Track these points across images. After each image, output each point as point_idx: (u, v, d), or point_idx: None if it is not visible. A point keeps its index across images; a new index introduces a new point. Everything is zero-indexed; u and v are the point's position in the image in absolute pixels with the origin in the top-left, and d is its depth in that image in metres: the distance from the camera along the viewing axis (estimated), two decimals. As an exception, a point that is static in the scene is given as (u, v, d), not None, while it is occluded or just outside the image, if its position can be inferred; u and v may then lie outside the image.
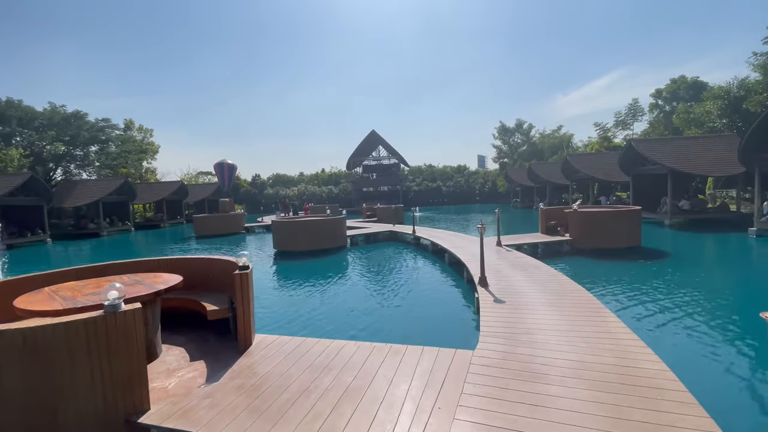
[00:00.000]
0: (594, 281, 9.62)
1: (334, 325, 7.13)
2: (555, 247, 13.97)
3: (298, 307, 8.49)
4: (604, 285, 9.23)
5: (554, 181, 37.25)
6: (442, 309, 8.12)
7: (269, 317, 7.82)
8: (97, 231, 30.79)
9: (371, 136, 53.04)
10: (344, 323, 7.27)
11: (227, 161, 61.41)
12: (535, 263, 9.54)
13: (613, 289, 8.89)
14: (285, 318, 7.75)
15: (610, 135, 44.10)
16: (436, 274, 11.27)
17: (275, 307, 8.53)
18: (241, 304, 4.85)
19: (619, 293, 8.55)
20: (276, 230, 16.29)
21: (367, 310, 7.97)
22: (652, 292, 8.52)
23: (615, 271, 10.89)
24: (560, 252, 13.49)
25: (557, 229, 14.76)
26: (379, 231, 19.14)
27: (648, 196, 23.46)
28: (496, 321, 5.50)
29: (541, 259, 12.19)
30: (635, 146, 22.35)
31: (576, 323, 5.29)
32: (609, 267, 11.40)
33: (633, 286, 9.17)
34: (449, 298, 8.85)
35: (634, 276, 10.17)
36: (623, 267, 11.30)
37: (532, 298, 6.57)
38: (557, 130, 57.49)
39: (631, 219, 13.45)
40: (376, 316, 7.67)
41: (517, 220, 30.41)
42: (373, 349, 4.67)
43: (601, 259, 12.19)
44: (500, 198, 57.51)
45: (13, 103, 34.26)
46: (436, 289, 9.64)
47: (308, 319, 7.55)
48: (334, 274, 11.98)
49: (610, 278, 9.92)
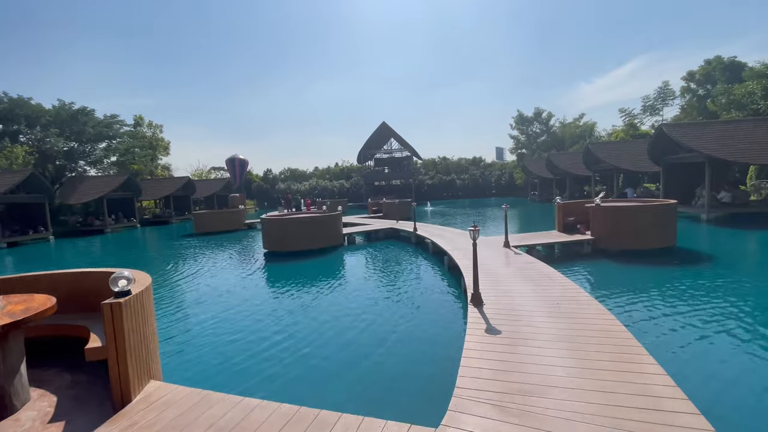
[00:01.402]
0: (621, 293, 7.86)
1: (277, 367, 5.49)
2: (574, 249, 12.14)
3: (245, 335, 7.00)
4: (635, 301, 7.46)
5: (575, 173, 34.83)
6: (422, 343, 6.06)
7: (202, 350, 6.38)
8: (102, 228, 30.47)
9: (382, 129, 51.31)
10: (291, 362, 5.65)
11: (239, 156, 60.93)
12: (547, 271, 7.85)
13: (648, 309, 7.13)
14: (222, 352, 6.20)
15: (637, 122, 40.99)
16: (429, 284, 9.59)
17: (215, 337, 7.08)
18: (115, 348, 3.46)
19: (657, 316, 6.78)
20: (264, 229, 15.01)
21: (327, 344, 6.27)
22: (700, 314, 6.73)
23: (646, 279, 9.05)
24: (580, 254, 11.67)
25: (577, 226, 12.91)
26: (380, 228, 17.64)
27: (681, 187, 21.11)
28: (482, 372, 3.92)
29: (558, 263, 10.48)
30: (668, 132, 20.00)
31: (602, 377, 3.67)
32: (639, 274, 9.56)
33: (670, 302, 7.38)
34: (436, 322, 6.89)
35: (671, 288, 8.33)
36: (657, 274, 9.44)
37: (539, 327, 4.94)
38: (579, 119, 54.39)
39: (665, 214, 11.50)
40: (332, 351, 6.00)
41: (534, 215, 28.34)
42: (292, 417, 3.20)
43: (629, 264, 10.34)
44: (517, 191, 55.01)
45: (20, 101, 34.16)
46: (424, 307, 7.84)
47: (249, 356, 5.91)
48: (311, 285, 10.53)
49: (641, 290, 8.13)
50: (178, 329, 7.34)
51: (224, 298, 9.22)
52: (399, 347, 5.94)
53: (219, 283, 10.84)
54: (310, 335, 6.60)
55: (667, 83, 38.76)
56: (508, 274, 7.83)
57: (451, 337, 6.01)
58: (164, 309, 8.63)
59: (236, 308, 8.38)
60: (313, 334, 6.64)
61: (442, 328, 6.59)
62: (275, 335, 6.66)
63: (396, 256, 13.54)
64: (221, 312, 8.18)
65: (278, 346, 6.17)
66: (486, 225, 21.19)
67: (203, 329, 7.24)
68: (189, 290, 10.36)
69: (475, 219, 25.63)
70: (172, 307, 8.80)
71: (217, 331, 7.10)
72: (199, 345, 6.50)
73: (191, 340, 6.75)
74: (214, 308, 8.49)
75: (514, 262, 8.89)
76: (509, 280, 7.33)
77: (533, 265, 8.51)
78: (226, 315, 7.97)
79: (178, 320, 7.90)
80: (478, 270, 5.98)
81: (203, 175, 59.97)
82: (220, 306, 8.62)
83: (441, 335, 6.30)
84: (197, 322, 7.65)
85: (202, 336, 6.91)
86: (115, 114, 40.58)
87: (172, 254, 17.78)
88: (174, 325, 7.57)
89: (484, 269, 8.19)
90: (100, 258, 18.19)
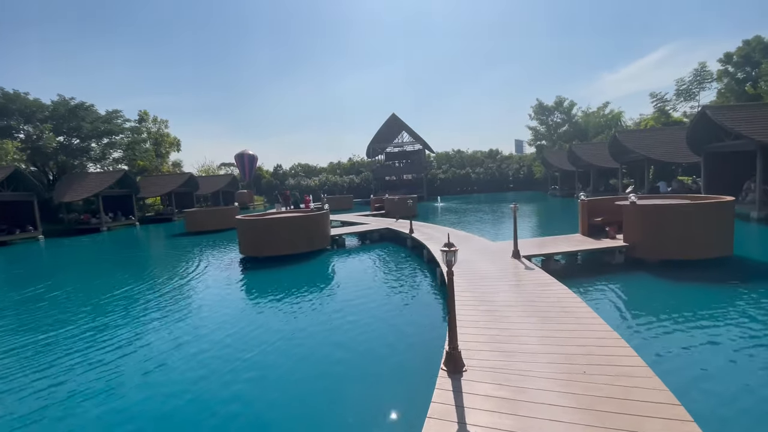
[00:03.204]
0: (675, 332, 5.59)
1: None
2: (602, 258, 9.77)
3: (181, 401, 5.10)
4: (697, 347, 5.20)
5: (599, 165, 31.84)
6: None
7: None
8: (98, 226, 29.47)
9: (392, 121, 48.93)
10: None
11: (248, 152, 59.86)
12: (569, 301, 5.64)
13: (717, 364, 4.88)
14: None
15: (669, 108, 37.35)
16: (412, 313, 7.28)
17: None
18: None
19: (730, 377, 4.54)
20: (239, 231, 13.17)
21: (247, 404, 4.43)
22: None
23: (705, 304, 6.70)
24: (610, 266, 9.31)
25: (605, 229, 10.55)
26: (375, 229, 15.59)
27: (726, 180, 18.22)
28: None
29: (582, 278, 8.22)
30: (712, 115, 17.12)
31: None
32: (692, 297, 7.19)
33: (751, 350, 5.09)
34: (402, 392, 4.53)
35: (746, 322, 6.00)
36: (718, 297, 7.06)
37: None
38: (603, 107, 50.63)
39: (720, 215, 9.03)
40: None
41: (554, 212, 25.62)
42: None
43: (676, 280, 7.98)
44: (536, 185, 51.90)
45: (14, 96, 33.42)
46: (395, 364, 5.23)
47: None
48: (274, 307, 8.61)
49: (702, 326, 5.84)
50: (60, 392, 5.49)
51: (163, 334, 7.31)
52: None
53: (168, 305, 9.00)
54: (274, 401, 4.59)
55: (704, 64, 34.88)
56: (511, 304, 5.67)
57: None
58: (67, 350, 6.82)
59: (177, 354, 6.10)
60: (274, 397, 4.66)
61: (405, 402, 4.37)
62: (228, 404, 4.51)
63: (386, 265, 11.43)
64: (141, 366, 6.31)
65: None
66: (500, 225, 18.85)
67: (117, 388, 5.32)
68: (124, 315, 8.57)
69: (489, 217, 23.29)
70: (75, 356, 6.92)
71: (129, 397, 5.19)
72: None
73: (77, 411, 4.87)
74: (135, 359, 6.06)
75: (523, 283, 6.70)
76: (511, 318, 5.17)
77: (549, 289, 6.28)
78: (165, 360, 6.00)
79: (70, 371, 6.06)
80: (470, 298, 3.87)
81: (210, 171, 59.03)
82: (150, 352, 6.63)
83: (408, 415, 4.21)
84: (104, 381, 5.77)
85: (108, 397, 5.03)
86: (117, 109, 39.62)
87: (143, 258, 16.21)
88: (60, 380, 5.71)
89: (479, 295, 6.05)
90: (66, 262, 16.75)
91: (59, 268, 15.29)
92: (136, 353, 6.09)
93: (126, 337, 6.81)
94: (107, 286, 10.94)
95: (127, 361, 5.80)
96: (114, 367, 5.60)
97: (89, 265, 15.66)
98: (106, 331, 7.19)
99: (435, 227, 14.83)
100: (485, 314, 5.23)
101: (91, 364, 5.78)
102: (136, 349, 6.24)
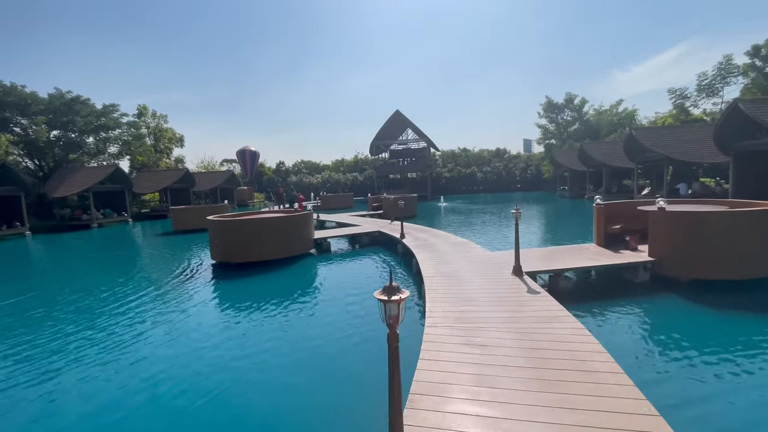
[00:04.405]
0: (720, 388, 4.03)
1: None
2: (622, 275, 8.15)
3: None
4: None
5: (612, 164, 30.02)
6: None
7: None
8: (88, 222, 28.50)
9: (396, 118, 47.31)
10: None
11: (250, 148, 58.77)
12: (582, 346, 4.13)
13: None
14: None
15: (689, 105, 35.19)
16: (371, 350, 5.59)
17: None
18: None
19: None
20: (210, 233, 11.81)
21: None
22: None
23: (762, 345, 5.12)
24: (632, 285, 7.70)
25: (625, 238, 8.97)
26: (364, 232, 14.12)
27: (758, 181, 16.42)
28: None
29: (596, 300, 6.65)
30: (745, 109, 15.31)
31: None
32: (744, 333, 5.59)
33: None
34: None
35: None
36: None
37: None
38: (616, 105, 48.47)
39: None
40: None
41: (563, 215, 23.84)
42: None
43: (719, 307, 6.39)
44: (545, 185, 49.97)
45: (11, 89, 32.58)
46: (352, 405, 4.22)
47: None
48: (229, 328, 7.21)
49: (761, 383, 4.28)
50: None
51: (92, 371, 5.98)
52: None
53: (94, 332, 7.67)
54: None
55: (730, 57, 32.56)
56: (504, 345, 4.16)
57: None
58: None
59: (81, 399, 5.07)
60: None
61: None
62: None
63: (366, 278, 9.88)
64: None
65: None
66: (505, 229, 17.22)
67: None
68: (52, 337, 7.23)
69: (493, 219, 21.70)
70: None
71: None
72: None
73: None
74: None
75: (521, 315, 5.18)
76: (503, 374, 3.67)
77: (555, 326, 4.74)
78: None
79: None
80: (450, 334, 2.41)
81: (210, 167, 58.03)
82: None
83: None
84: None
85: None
86: (114, 104, 38.57)
87: (109, 262, 14.94)
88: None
89: (464, 330, 4.55)
90: (37, 259, 15.60)
91: (19, 269, 14.11)
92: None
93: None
94: (41, 298, 9.65)
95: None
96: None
97: (48, 267, 14.47)
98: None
99: (431, 231, 13.31)
100: (469, 364, 3.75)
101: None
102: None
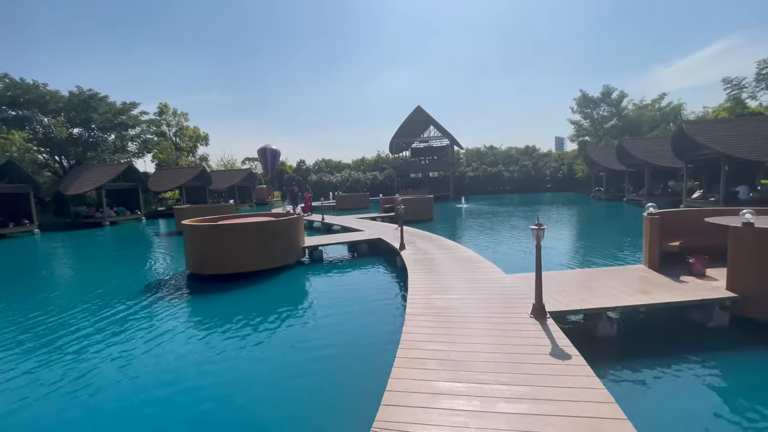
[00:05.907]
0: None
1: None
2: (687, 316, 5.87)
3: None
4: None
5: (656, 163, 26.85)
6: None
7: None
8: (101, 220, 28.27)
9: (417, 114, 45.20)
10: None
11: (270, 146, 58.24)
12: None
13: None
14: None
15: (747, 97, 31.28)
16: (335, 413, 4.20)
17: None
18: None
19: None
20: (185, 240, 10.38)
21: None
22: None
23: None
24: (702, 333, 5.48)
25: (688, 260, 6.75)
26: (363, 240, 12.36)
27: None
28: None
29: (649, 359, 4.44)
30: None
31: None
32: None
33: None
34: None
35: None
36: None
37: None
38: (659, 99, 44.36)
39: None
40: None
41: (598, 223, 20.96)
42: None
43: None
44: (577, 186, 46.50)
45: (33, 87, 32.98)
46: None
47: None
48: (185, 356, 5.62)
49: None
50: None
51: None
52: None
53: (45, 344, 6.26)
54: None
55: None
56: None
57: None
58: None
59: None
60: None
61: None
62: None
63: (354, 300, 8.14)
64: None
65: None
66: (532, 241, 15.01)
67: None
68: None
69: (522, 224, 19.43)
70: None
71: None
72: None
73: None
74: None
75: (548, 393, 3.24)
76: None
77: (599, 420, 2.81)
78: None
79: None
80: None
81: (229, 165, 57.97)
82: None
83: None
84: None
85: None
86: (134, 102, 38.59)
87: (97, 263, 13.89)
88: None
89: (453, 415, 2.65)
90: (26, 260, 14.80)
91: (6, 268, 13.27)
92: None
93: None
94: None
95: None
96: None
97: (32, 266, 13.56)
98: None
99: (438, 240, 11.32)
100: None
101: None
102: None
